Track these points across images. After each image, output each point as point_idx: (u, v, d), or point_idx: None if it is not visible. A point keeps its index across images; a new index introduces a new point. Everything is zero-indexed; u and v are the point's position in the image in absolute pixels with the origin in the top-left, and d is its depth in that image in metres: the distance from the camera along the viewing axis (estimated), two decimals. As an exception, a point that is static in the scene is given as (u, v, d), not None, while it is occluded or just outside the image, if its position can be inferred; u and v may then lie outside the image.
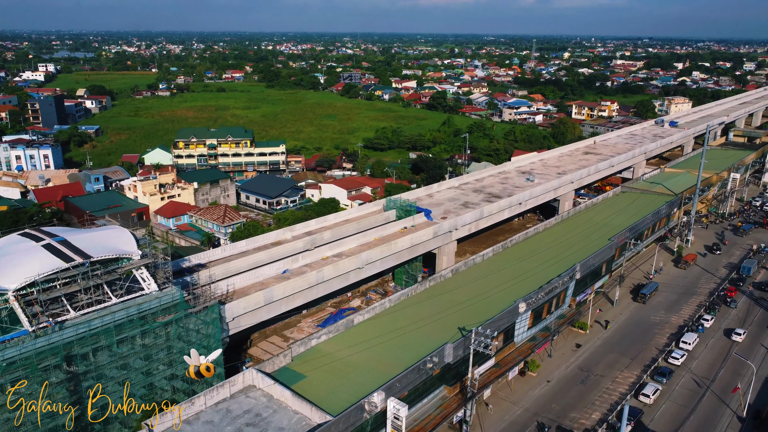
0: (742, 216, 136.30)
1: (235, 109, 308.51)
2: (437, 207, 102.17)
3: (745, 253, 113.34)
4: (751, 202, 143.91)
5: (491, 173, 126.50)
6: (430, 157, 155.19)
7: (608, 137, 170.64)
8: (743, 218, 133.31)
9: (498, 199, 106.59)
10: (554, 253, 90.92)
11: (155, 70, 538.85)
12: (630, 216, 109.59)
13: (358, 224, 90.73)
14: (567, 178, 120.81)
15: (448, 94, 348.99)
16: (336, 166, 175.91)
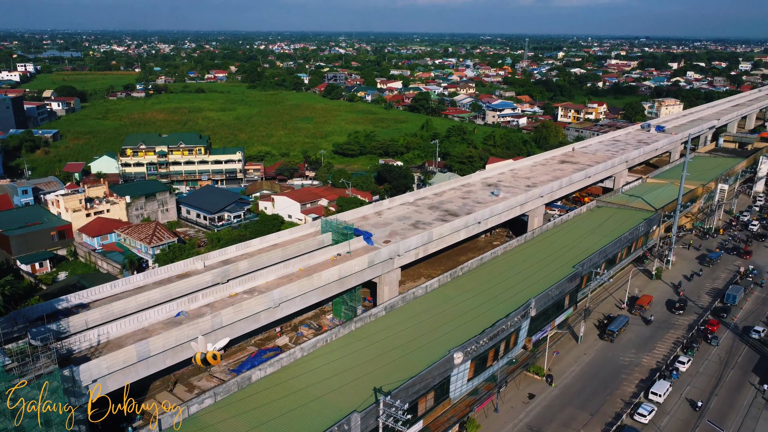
0: (728, 232, 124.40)
1: (210, 111, 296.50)
2: (383, 228, 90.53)
3: (731, 277, 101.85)
4: (738, 216, 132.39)
5: (453, 186, 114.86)
6: (395, 166, 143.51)
7: (589, 143, 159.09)
8: (720, 243, 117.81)
9: (454, 218, 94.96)
10: (510, 284, 79.33)
11: (138, 70, 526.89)
12: (603, 236, 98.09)
13: (284, 251, 79.02)
14: (536, 192, 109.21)
15: (433, 95, 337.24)
16: (298, 174, 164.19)
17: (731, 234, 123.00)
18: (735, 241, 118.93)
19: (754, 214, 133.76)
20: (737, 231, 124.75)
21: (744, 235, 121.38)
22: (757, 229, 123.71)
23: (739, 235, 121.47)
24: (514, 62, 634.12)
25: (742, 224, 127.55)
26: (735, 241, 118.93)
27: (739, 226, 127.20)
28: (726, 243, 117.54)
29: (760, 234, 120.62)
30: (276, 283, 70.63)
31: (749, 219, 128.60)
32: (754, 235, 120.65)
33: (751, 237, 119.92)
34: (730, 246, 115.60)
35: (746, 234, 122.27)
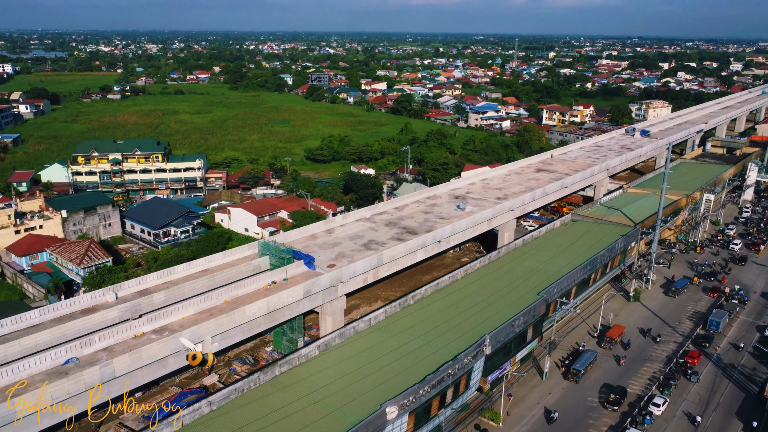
0: (709, 247, 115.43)
1: (185, 113, 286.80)
2: (330, 249, 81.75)
3: (715, 300, 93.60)
4: (723, 230, 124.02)
5: (417, 198, 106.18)
6: (361, 175, 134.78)
7: (569, 150, 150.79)
8: (694, 266, 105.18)
9: (412, 237, 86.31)
10: (467, 314, 70.76)
11: (120, 71, 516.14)
12: (576, 255, 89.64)
13: (211, 279, 70.14)
14: (505, 206, 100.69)
15: (417, 96, 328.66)
16: (263, 183, 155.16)
17: (712, 250, 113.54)
18: (711, 267, 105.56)
19: (736, 231, 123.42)
20: (719, 246, 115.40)
21: (722, 259, 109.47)
22: (739, 248, 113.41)
23: (716, 260, 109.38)
24: (504, 63, 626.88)
25: (724, 241, 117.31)
26: (711, 267, 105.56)
27: (722, 242, 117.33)
28: (702, 267, 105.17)
29: (740, 257, 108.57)
30: (193, 319, 61.77)
31: (730, 237, 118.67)
32: (735, 259, 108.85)
33: (731, 260, 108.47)
34: (707, 271, 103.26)
35: (724, 258, 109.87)
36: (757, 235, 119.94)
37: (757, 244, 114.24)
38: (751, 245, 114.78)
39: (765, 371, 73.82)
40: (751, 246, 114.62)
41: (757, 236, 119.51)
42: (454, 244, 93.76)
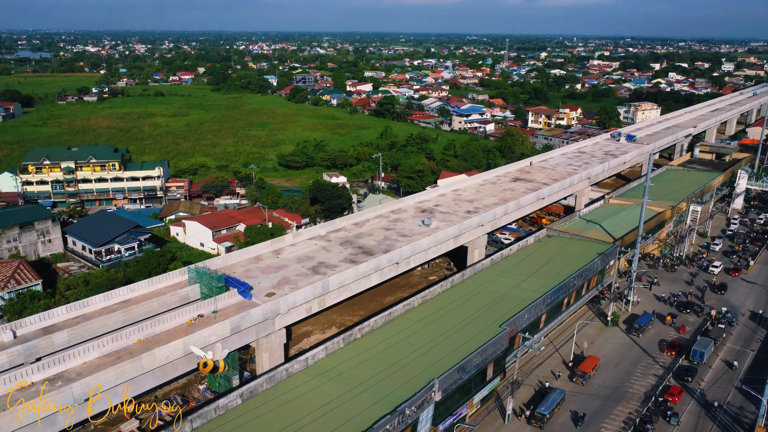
0: (690, 267, 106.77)
1: (161, 116, 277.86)
2: (274, 274, 73.62)
3: (699, 325, 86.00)
4: (708, 246, 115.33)
5: (380, 213, 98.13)
6: (328, 184, 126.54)
7: (550, 156, 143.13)
8: (668, 300, 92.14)
9: (368, 258, 78.36)
10: (419, 352, 62.76)
11: (104, 72, 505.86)
12: (549, 277, 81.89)
13: (126, 314, 61.83)
14: (474, 221, 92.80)
15: (402, 98, 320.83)
16: (228, 192, 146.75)
17: (691, 270, 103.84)
18: (687, 296, 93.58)
19: (722, 247, 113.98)
20: (699, 266, 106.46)
21: (697, 288, 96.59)
22: (718, 271, 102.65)
23: (697, 280, 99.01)
24: (494, 63, 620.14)
25: (701, 263, 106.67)
26: (687, 296, 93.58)
27: (702, 259, 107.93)
28: (676, 297, 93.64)
29: (719, 286, 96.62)
30: (96, 364, 53.51)
31: (709, 261, 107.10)
32: (713, 286, 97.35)
33: (709, 287, 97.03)
34: (682, 301, 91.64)
35: (699, 287, 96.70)
36: (742, 255, 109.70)
37: (738, 269, 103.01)
38: (732, 270, 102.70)
39: (754, 411, 66.22)
40: (732, 271, 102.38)
41: (742, 256, 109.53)
42: (417, 264, 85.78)
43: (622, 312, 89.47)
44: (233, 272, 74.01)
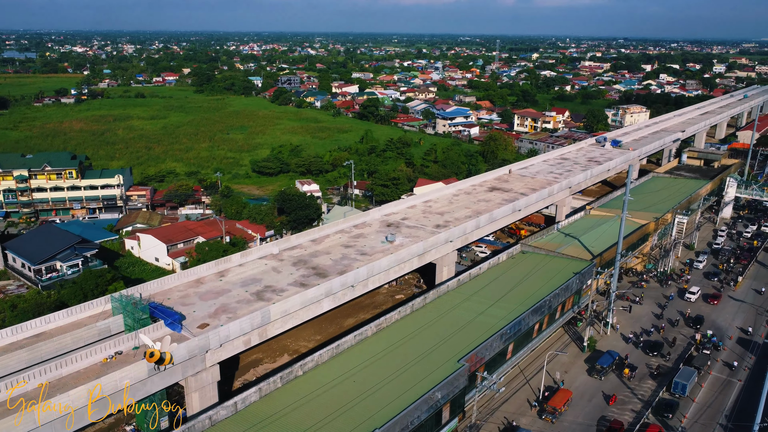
0: (671, 280, 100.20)
1: (138, 119, 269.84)
2: (212, 300, 66.54)
3: (683, 351, 79.51)
4: (691, 263, 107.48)
5: (342, 228, 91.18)
6: (295, 194, 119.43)
7: (530, 163, 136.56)
8: (635, 338, 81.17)
9: (321, 281, 71.46)
10: (366, 394, 55.85)
11: (87, 73, 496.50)
12: (519, 300, 75.25)
13: (30, 352, 54.55)
14: (441, 238, 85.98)
15: (387, 100, 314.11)
16: (193, 201, 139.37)
17: (666, 292, 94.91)
18: (660, 330, 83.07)
19: (705, 264, 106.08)
20: (677, 283, 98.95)
21: (668, 319, 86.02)
22: (695, 298, 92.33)
23: (663, 321, 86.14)
24: (485, 64, 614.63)
25: (681, 282, 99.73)
26: (660, 330, 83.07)
27: (683, 280, 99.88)
28: (647, 335, 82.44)
29: (695, 318, 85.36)
30: (-19, 417, 46.27)
31: (689, 284, 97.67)
32: (688, 319, 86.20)
33: (682, 321, 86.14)
34: (650, 340, 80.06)
35: (671, 319, 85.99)
36: (724, 278, 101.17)
37: (718, 296, 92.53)
38: (710, 297, 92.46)
39: (739, 454, 59.76)
40: (710, 299, 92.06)
41: (724, 279, 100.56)
42: (376, 286, 78.86)
43: (601, 336, 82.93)
44: (168, 298, 66.97)
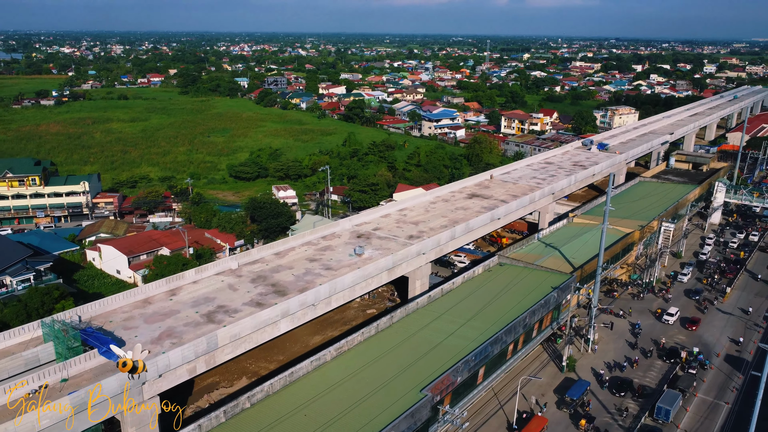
0: (657, 294, 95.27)
1: (118, 121, 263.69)
2: (159, 323, 61.30)
3: (667, 371, 74.90)
4: (675, 276, 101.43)
5: (309, 240, 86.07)
6: (267, 202, 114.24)
7: (513, 168, 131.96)
8: (614, 368, 74.25)
9: (279, 299, 66.43)
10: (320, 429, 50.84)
11: (72, 74, 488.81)
12: (494, 318, 70.45)
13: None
14: (412, 250, 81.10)
15: (373, 102, 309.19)
16: (164, 207, 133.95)
17: (635, 328, 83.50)
18: (633, 364, 74.90)
19: (690, 276, 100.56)
20: (661, 294, 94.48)
21: (642, 351, 77.90)
22: (673, 321, 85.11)
23: (636, 352, 78.09)
24: (476, 65, 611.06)
25: (663, 295, 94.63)
26: (633, 364, 74.90)
27: (662, 295, 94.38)
28: (619, 368, 74.28)
29: (668, 351, 76.90)
30: None
31: (669, 302, 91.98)
32: (661, 351, 77.56)
33: (655, 351, 77.93)
34: (619, 377, 72.10)
35: (644, 349, 77.85)
36: (710, 291, 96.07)
37: (697, 321, 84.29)
38: (688, 323, 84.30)
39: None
40: (688, 324, 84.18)
41: (709, 296, 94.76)
42: (341, 304, 73.81)
43: (581, 354, 78.28)
44: (110, 321, 61.72)
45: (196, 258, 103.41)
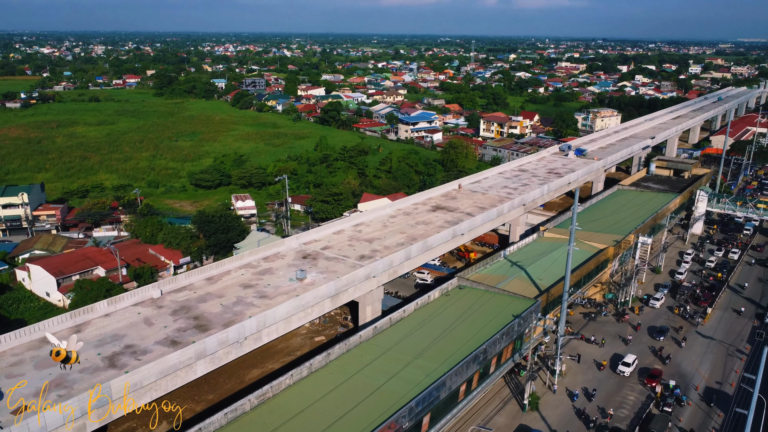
0: (622, 315, 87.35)
1: (84, 125, 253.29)
2: (50, 369, 52.75)
3: (639, 410, 67.31)
4: (648, 300, 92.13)
5: (247, 261, 77.70)
6: (215, 216, 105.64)
7: (484, 177, 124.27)
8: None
9: (199, 335, 58.17)
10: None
11: (47, 75, 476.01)
12: (449, 351, 62.61)
13: None
14: (360, 274, 73.01)
15: (351, 104, 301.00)
16: (113, 219, 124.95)
17: (586, 390, 68.92)
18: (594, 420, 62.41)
19: (663, 303, 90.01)
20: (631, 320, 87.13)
21: (586, 422, 63.15)
22: (630, 372, 71.27)
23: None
24: (461, 65, 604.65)
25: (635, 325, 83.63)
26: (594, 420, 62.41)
27: (630, 323, 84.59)
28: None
29: (643, 419, 62.41)
30: None
31: (622, 357, 75.19)
32: (600, 429, 61.19)
33: (597, 429, 61.47)
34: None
35: (592, 420, 62.61)
36: (677, 331, 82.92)
37: (656, 375, 69.86)
38: (647, 378, 70.24)
39: None
40: (647, 379, 69.95)
41: (667, 338, 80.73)
42: (273, 338, 65.55)
43: (546, 389, 70.56)
44: (-6, 367, 53.09)
45: (134, 278, 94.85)
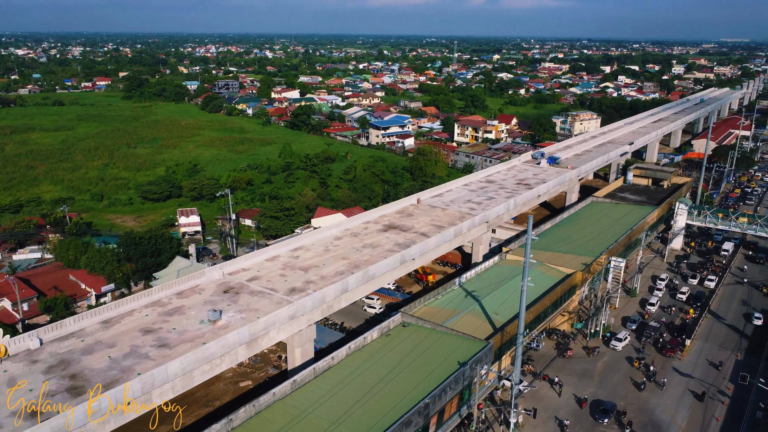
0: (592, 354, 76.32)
1: (41, 131, 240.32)
2: None
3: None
4: (611, 338, 78.75)
5: (156, 298, 66.91)
6: (142, 237, 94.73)
7: (447, 189, 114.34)
8: None
9: (71, 400, 47.62)
10: None
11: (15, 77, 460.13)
12: (373, 419, 52.41)
13: None
14: (283, 314, 62.64)
15: (324, 107, 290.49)
16: (40, 239, 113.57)
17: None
18: None
19: (627, 341, 77.63)
20: None
21: None
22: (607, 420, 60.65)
23: None
24: (443, 66, 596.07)
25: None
26: None
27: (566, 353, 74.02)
28: None
29: None
30: None
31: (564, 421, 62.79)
32: None
33: None
34: None
35: None
36: (640, 390, 68.46)
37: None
38: None
39: None
40: None
41: (628, 414, 64.56)
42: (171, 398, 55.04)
43: (499, 445, 60.77)
44: None
45: (45, 311, 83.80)
